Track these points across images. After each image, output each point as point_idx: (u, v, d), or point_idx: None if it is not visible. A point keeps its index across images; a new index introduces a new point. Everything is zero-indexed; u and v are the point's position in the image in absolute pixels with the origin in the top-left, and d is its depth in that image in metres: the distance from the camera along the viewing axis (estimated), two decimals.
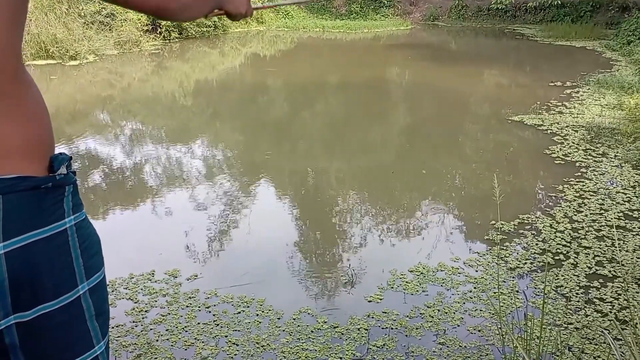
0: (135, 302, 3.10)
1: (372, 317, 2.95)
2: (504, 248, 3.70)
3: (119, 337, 2.77)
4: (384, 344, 2.73)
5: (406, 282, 3.30)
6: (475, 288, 3.22)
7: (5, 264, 0.89)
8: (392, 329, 2.86)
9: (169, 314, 2.99)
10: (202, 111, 8.31)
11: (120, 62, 11.23)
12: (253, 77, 11.00)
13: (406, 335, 2.81)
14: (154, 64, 11.46)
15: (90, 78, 9.80)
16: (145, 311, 3.01)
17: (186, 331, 2.84)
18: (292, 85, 9.99)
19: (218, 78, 10.68)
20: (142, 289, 3.22)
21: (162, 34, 13.41)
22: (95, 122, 7.39)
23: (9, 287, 0.90)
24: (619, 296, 3.11)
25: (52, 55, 10.53)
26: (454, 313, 2.99)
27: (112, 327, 2.85)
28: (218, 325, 2.89)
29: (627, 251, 3.59)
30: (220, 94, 9.39)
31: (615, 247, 3.66)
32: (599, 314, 2.95)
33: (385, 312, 3.00)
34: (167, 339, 2.77)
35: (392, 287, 3.25)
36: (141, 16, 13.09)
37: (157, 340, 2.76)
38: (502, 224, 4.01)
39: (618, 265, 3.43)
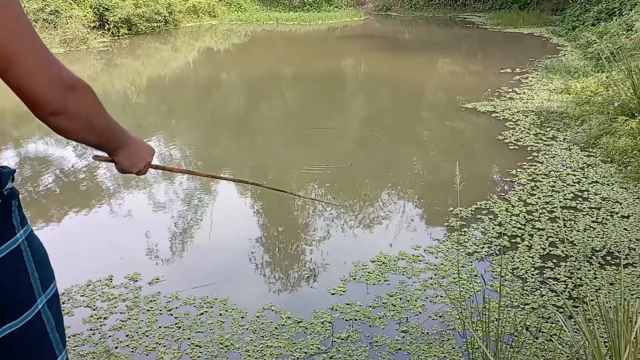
0: (94, 309, 3.01)
1: (336, 310, 2.97)
2: (463, 233, 3.77)
3: (76, 346, 2.69)
4: (348, 336, 2.75)
5: (368, 272, 3.33)
6: (435, 275, 3.28)
7: None
8: (355, 320, 2.88)
9: (129, 319, 2.92)
10: (157, 108, 8.13)
11: (67, 60, 10.84)
12: (208, 72, 10.82)
13: (370, 326, 2.83)
14: (103, 61, 11.13)
15: None
16: (104, 318, 2.93)
17: (147, 336, 2.78)
18: (248, 79, 9.88)
19: (171, 74, 10.46)
20: (100, 295, 3.14)
21: (111, 31, 13.01)
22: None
23: None
24: (572, 275, 3.23)
25: None
26: (416, 301, 3.03)
27: (69, 337, 2.76)
28: (180, 328, 2.84)
29: (578, 231, 3.72)
30: (175, 91, 9.20)
31: (567, 227, 3.79)
32: (554, 294, 3.05)
33: (349, 304, 3.01)
34: (127, 345, 2.70)
35: (354, 279, 3.28)
36: (87, 12, 12.67)
37: (117, 347, 2.69)
38: (460, 210, 4.10)
39: (570, 245, 3.56)
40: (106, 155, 1.18)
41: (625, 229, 3.72)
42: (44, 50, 0.93)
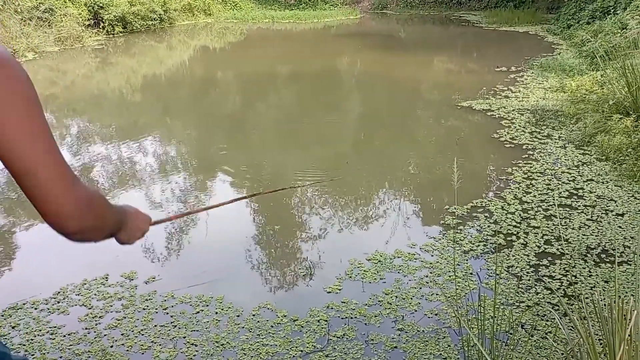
0: (89, 308, 3.00)
1: (332, 308, 2.97)
2: (459, 231, 3.78)
3: (71, 345, 2.68)
4: (344, 334, 2.75)
5: (364, 270, 3.33)
6: (431, 273, 3.29)
7: None
8: (351, 318, 2.88)
9: (125, 318, 2.91)
10: (152, 107, 8.11)
11: (61, 59, 10.80)
12: (203, 70, 10.80)
13: (365, 324, 2.84)
14: (98, 59, 11.08)
15: (30, 77, 9.35)
16: (100, 317, 2.93)
17: (142, 335, 2.77)
18: (243, 77, 9.86)
19: (167, 72, 10.43)
20: (95, 294, 3.13)
21: (106, 29, 12.96)
22: None
23: None
24: (567, 273, 3.24)
25: None
26: (412, 299, 3.04)
27: (64, 336, 2.75)
28: (176, 326, 2.83)
29: (573, 229, 3.74)
30: (170, 89, 9.17)
31: (562, 225, 3.80)
32: (549, 291, 3.06)
33: (344, 302, 3.02)
34: (123, 344, 2.70)
35: (350, 277, 3.28)
36: (82, 10, 12.61)
37: (112, 346, 2.68)
38: (455, 208, 4.10)
39: (565, 242, 3.57)
40: None
41: (620, 227, 3.74)
42: (66, 170, 0.91)
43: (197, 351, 2.65)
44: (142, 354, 2.64)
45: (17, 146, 0.84)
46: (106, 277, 3.29)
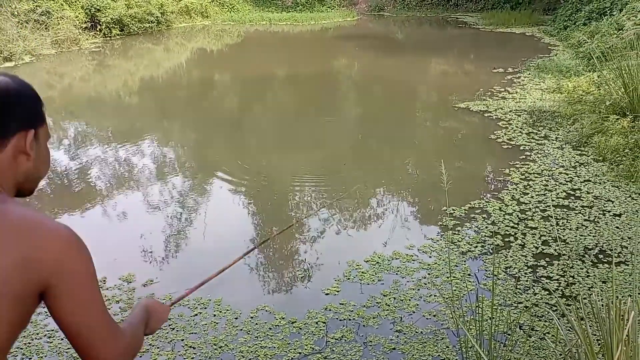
0: None
1: (330, 310, 2.97)
2: (456, 233, 3.78)
3: (69, 348, 2.67)
4: (342, 336, 2.75)
5: (362, 272, 3.33)
6: (429, 274, 3.29)
7: None
8: (349, 320, 2.88)
9: (122, 320, 2.90)
10: (150, 109, 8.10)
11: (58, 61, 10.79)
12: (201, 72, 10.79)
13: (364, 326, 2.84)
14: (95, 62, 11.07)
15: (27, 80, 9.31)
16: None
17: None
18: (241, 80, 9.86)
19: (164, 75, 10.43)
20: None
21: (102, 32, 12.94)
22: None
23: None
24: (565, 273, 3.24)
25: None
26: (410, 300, 3.04)
27: (62, 339, 2.74)
28: (174, 329, 2.83)
29: (570, 229, 3.74)
30: (168, 91, 9.16)
31: (559, 226, 3.80)
32: (546, 292, 3.06)
33: (343, 304, 3.01)
34: None
35: (348, 278, 3.28)
36: (78, 13, 12.60)
37: None
38: (453, 209, 4.10)
39: (562, 243, 3.57)
40: None
41: (617, 227, 3.74)
42: (112, 330, 1.01)
43: (195, 354, 2.64)
44: (140, 357, 2.63)
45: (72, 312, 0.98)
46: (104, 280, 3.29)
